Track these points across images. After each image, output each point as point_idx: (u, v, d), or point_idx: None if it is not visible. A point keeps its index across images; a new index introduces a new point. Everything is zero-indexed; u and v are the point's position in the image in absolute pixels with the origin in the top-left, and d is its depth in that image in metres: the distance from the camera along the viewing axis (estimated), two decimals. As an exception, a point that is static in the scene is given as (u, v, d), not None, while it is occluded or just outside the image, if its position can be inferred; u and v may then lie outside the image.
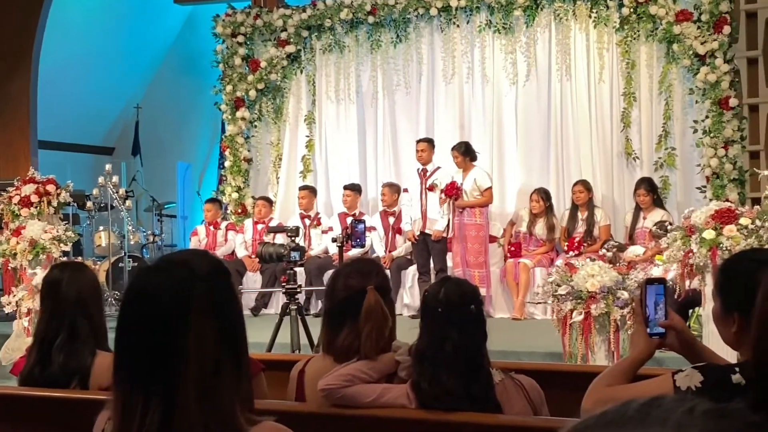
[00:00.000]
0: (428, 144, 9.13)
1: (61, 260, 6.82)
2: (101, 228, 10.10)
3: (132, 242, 10.04)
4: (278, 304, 9.15)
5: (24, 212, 8.25)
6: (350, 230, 6.02)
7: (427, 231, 8.94)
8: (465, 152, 8.96)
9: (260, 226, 9.96)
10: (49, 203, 8.43)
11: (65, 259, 7.20)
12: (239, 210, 10.70)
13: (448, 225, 8.88)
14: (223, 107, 10.83)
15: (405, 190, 9.49)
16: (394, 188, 9.70)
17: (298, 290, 5.94)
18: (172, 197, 13.25)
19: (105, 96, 13.07)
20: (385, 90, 10.32)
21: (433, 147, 9.15)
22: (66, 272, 3.29)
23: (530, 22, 9.69)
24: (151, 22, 13.10)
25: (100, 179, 8.97)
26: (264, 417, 1.68)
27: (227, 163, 10.87)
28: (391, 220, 9.64)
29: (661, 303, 2.30)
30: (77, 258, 8.12)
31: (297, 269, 6.25)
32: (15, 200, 8.34)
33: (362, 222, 6.35)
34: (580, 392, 2.29)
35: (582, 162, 9.52)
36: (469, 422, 2.66)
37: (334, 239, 6.43)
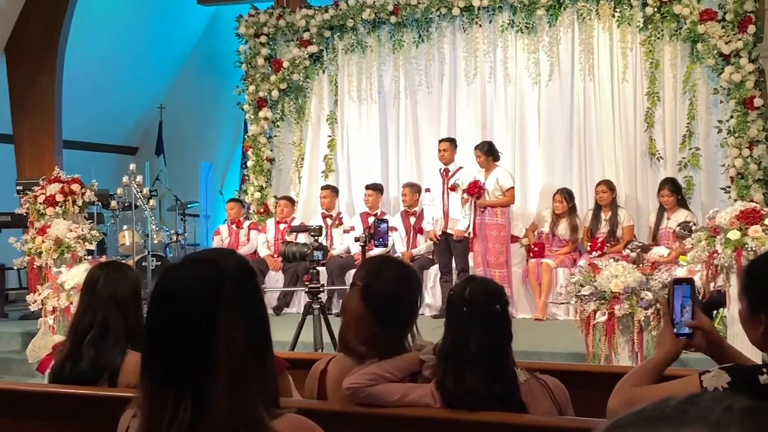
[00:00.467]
0: (450, 144, 9.12)
1: (101, 260, 6.85)
2: (125, 227, 10.16)
3: (155, 241, 10.10)
4: (300, 304, 9.19)
5: (49, 211, 8.33)
6: (373, 230, 6.03)
7: (449, 231, 8.94)
8: (488, 152, 8.94)
9: (282, 226, 10.00)
10: (74, 202, 8.50)
11: (104, 259, 7.26)
12: (261, 210, 10.74)
13: (470, 225, 8.87)
14: (246, 107, 10.88)
15: (427, 190, 9.48)
16: (415, 188, 9.69)
17: (321, 289, 5.96)
18: (195, 197, 13.32)
19: (129, 96, 13.16)
20: (407, 90, 10.32)
21: (456, 147, 9.14)
22: (104, 270, 3.37)
23: (553, 22, 9.65)
24: (175, 23, 13.17)
25: (125, 179, 9.00)
26: (285, 410, 1.69)
27: (250, 163, 10.91)
28: (412, 220, 9.63)
29: (688, 303, 2.29)
30: (101, 257, 8.18)
31: (320, 269, 6.28)
32: (40, 199, 8.42)
33: (385, 221, 6.37)
34: (604, 393, 2.28)
35: (605, 162, 9.46)
36: (494, 422, 2.65)
37: (357, 239, 6.45)
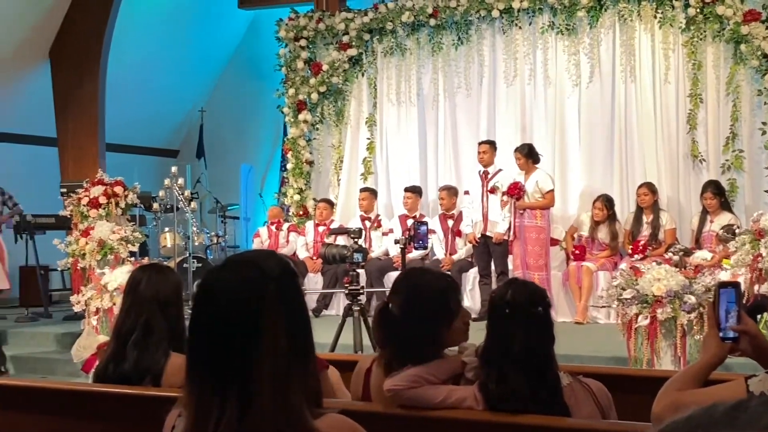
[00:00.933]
0: (490, 146, 9.09)
1: (143, 262, 6.94)
2: (166, 229, 10.27)
3: (196, 243, 10.20)
4: (339, 306, 9.22)
5: (93, 213, 8.45)
6: (412, 232, 6.04)
7: (488, 233, 8.90)
8: (528, 154, 8.88)
9: (321, 228, 10.04)
10: (117, 204, 8.62)
11: (146, 261, 7.35)
12: (301, 212, 10.79)
13: (510, 227, 8.82)
14: (286, 110, 10.94)
15: (466, 193, 9.45)
16: (452, 191, 9.67)
17: (361, 291, 5.97)
18: (235, 199, 13.43)
19: (170, 99, 13.31)
20: (446, 92, 10.30)
21: (495, 149, 9.10)
22: (147, 272, 3.38)
23: (594, 23, 9.58)
24: (216, 27, 13.31)
25: (166, 181, 9.11)
26: (328, 410, 1.69)
27: (289, 166, 10.98)
28: (450, 223, 9.60)
29: (734, 308, 2.25)
30: (143, 259, 8.27)
31: (359, 271, 6.29)
32: (84, 201, 8.55)
33: (424, 224, 6.37)
34: (647, 396, 2.26)
35: (647, 164, 9.35)
36: (537, 425, 2.63)
37: (397, 241, 6.46)
